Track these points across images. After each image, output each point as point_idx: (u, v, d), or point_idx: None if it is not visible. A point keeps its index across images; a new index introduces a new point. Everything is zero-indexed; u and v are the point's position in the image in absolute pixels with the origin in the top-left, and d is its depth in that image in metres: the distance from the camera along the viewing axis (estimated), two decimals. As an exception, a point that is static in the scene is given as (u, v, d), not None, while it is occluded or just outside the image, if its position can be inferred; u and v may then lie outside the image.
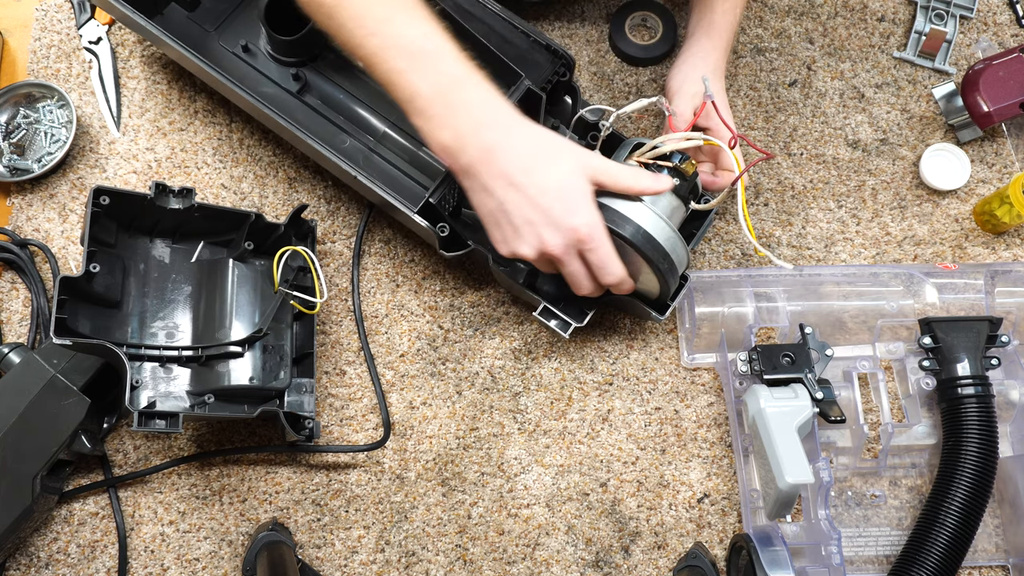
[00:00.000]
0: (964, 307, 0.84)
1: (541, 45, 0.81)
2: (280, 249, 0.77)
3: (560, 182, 0.65)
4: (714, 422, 0.84)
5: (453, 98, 0.65)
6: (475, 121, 0.65)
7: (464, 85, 0.65)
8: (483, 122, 0.65)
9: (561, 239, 0.66)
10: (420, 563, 0.80)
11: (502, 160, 0.65)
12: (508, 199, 0.65)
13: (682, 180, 0.73)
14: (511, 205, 0.66)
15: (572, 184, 0.66)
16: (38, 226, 0.88)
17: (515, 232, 0.67)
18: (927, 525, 0.74)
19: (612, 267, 0.68)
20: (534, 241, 0.66)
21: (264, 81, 0.87)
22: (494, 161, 0.65)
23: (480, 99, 0.65)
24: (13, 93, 0.90)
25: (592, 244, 0.66)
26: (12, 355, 0.76)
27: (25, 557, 0.78)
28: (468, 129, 0.65)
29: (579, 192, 0.66)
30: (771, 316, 0.83)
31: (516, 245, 0.67)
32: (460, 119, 0.65)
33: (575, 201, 0.66)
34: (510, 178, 0.65)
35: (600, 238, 0.66)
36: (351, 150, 0.86)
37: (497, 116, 0.66)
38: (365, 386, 0.84)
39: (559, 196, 0.65)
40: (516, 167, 0.65)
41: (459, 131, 0.65)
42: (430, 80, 0.64)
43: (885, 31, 0.97)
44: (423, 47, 0.65)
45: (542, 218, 0.65)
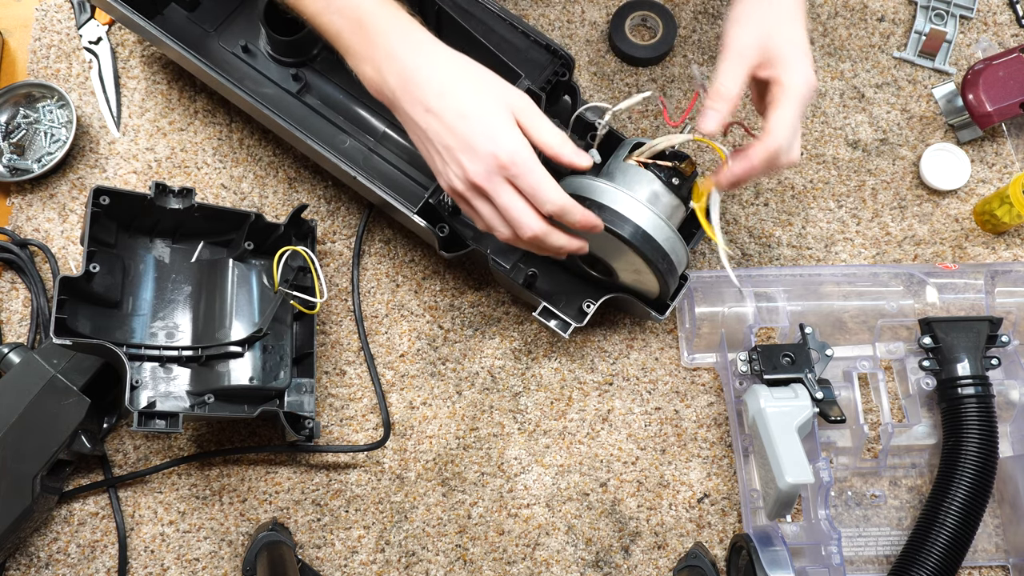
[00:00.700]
0: (964, 307, 0.84)
1: (541, 45, 0.81)
2: (280, 249, 0.77)
3: (477, 107, 0.63)
4: (714, 422, 0.84)
5: (368, 30, 0.64)
6: (391, 50, 0.64)
7: (377, 16, 0.64)
8: (398, 50, 0.64)
9: (482, 165, 0.63)
10: (420, 563, 0.80)
11: (419, 86, 0.63)
12: (428, 126, 0.64)
13: (682, 180, 0.72)
14: (432, 132, 0.64)
15: (490, 110, 0.63)
16: (38, 226, 0.88)
17: (442, 162, 0.65)
18: (927, 525, 0.74)
19: (546, 191, 0.63)
20: (457, 170, 0.64)
21: (264, 81, 0.87)
22: (411, 88, 0.64)
23: (395, 28, 0.64)
24: (13, 93, 0.90)
25: (517, 169, 0.62)
26: (12, 355, 0.76)
27: (25, 557, 0.78)
28: (384, 58, 0.64)
29: (498, 118, 0.63)
30: (771, 316, 0.83)
31: (446, 177, 0.65)
32: (377, 50, 0.64)
33: (494, 126, 0.63)
34: (426, 104, 0.63)
35: (525, 161, 0.62)
36: (351, 150, 0.86)
37: (413, 44, 0.64)
38: (365, 386, 0.84)
39: (477, 120, 0.63)
40: (432, 92, 0.63)
41: (377, 62, 0.64)
42: (347, 16, 0.64)
43: (885, 31, 0.97)
44: None
45: (459, 143, 0.63)
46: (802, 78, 0.67)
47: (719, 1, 0.97)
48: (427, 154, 0.66)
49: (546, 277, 0.81)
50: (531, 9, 0.96)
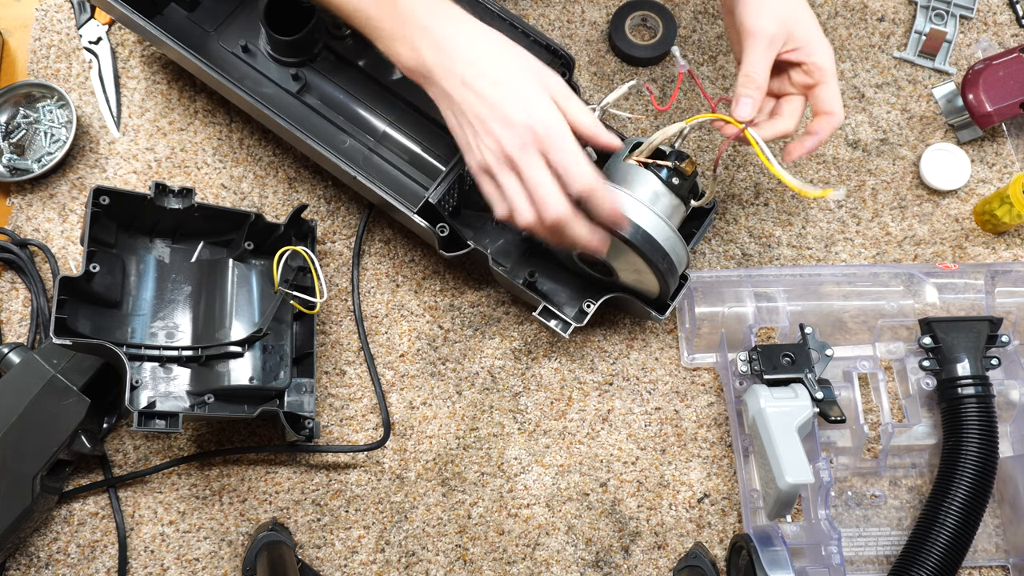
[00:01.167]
0: (964, 307, 0.84)
1: (541, 45, 0.81)
2: (280, 249, 0.77)
3: (513, 76, 0.63)
4: (714, 422, 0.84)
5: (400, 7, 0.64)
6: (424, 25, 0.63)
7: None
8: (432, 24, 0.63)
9: (517, 134, 0.61)
10: (420, 563, 0.80)
11: (454, 58, 0.63)
12: (463, 98, 0.63)
13: (682, 179, 0.72)
14: (466, 103, 0.63)
15: (525, 80, 0.63)
16: (38, 226, 0.88)
17: (474, 134, 0.64)
18: (927, 525, 0.74)
19: (580, 166, 0.62)
20: (490, 141, 0.62)
21: (264, 81, 0.87)
22: (446, 61, 0.63)
23: (427, 6, 0.64)
24: (13, 93, 0.90)
25: (552, 142, 0.62)
26: (12, 355, 0.76)
27: (25, 557, 0.78)
28: (418, 34, 0.63)
29: (533, 87, 0.63)
30: (771, 316, 0.83)
31: (478, 153, 0.64)
32: (410, 27, 0.64)
33: (529, 95, 0.62)
34: (462, 75, 0.63)
35: (562, 136, 0.62)
36: (351, 150, 0.86)
37: (446, 17, 0.64)
38: (365, 386, 0.84)
39: (510, 90, 0.62)
40: (467, 62, 0.63)
41: (411, 39, 0.64)
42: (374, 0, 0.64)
43: (885, 31, 0.97)
44: None
45: (494, 112, 0.62)
46: (829, 57, 0.70)
47: (719, 1, 0.97)
48: (459, 129, 0.65)
49: (546, 277, 0.81)
50: (531, 9, 0.96)
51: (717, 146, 0.92)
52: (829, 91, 0.71)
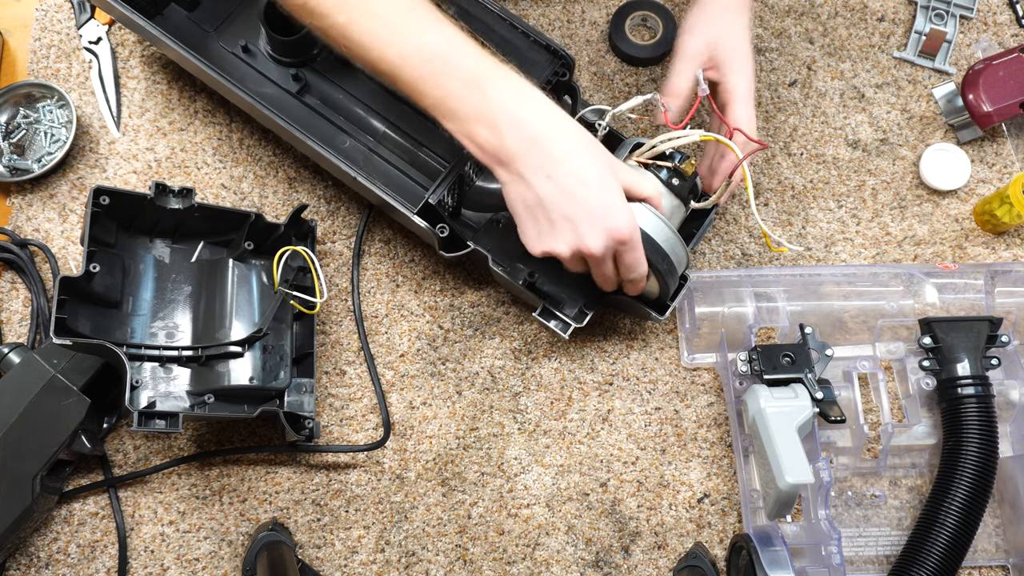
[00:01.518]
0: (964, 307, 0.84)
1: (541, 45, 0.81)
2: (280, 249, 0.77)
3: (599, 178, 0.64)
4: (714, 422, 0.84)
5: (486, 93, 0.63)
6: (512, 114, 0.63)
7: (494, 79, 0.63)
8: (520, 114, 0.63)
9: (602, 239, 0.64)
10: (420, 563, 0.80)
11: (542, 152, 0.63)
12: (547, 193, 0.64)
13: (681, 180, 0.72)
14: (550, 200, 0.64)
15: (609, 181, 0.64)
16: (38, 226, 0.88)
17: (551, 228, 0.65)
18: (927, 525, 0.74)
19: (642, 267, 0.68)
20: (571, 239, 0.65)
21: (264, 81, 0.87)
22: (533, 153, 0.63)
23: (514, 92, 0.64)
24: (13, 93, 0.90)
25: (630, 245, 0.65)
26: (12, 355, 0.76)
27: (25, 557, 0.78)
28: (505, 122, 0.63)
29: (616, 189, 0.64)
30: (771, 316, 0.83)
31: (551, 242, 0.66)
32: (497, 113, 0.63)
33: (614, 198, 0.64)
34: (549, 171, 0.63)
35: (636, 241, 0.66)
36: (351, 150, 0.86)
37: (534, 107, 0.64)
38: (365, 386, 0.84)
39: (599, 192, 0.63)
40: (556, 159, 0.63)
41: (496, 125, 0.63)
42: (458, 79, 0.63)
43: (885, 31, 0.97)
44: (444, 49, 0.63)
45: (583, 215, 0.64)
46: (744, 80, 0.75)
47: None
48: (529, 217, 0.66)
49: (546, 278, 0.81)
50: (531, 9, 0.96)
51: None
52: (737, 111, 0.75)
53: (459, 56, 0.63)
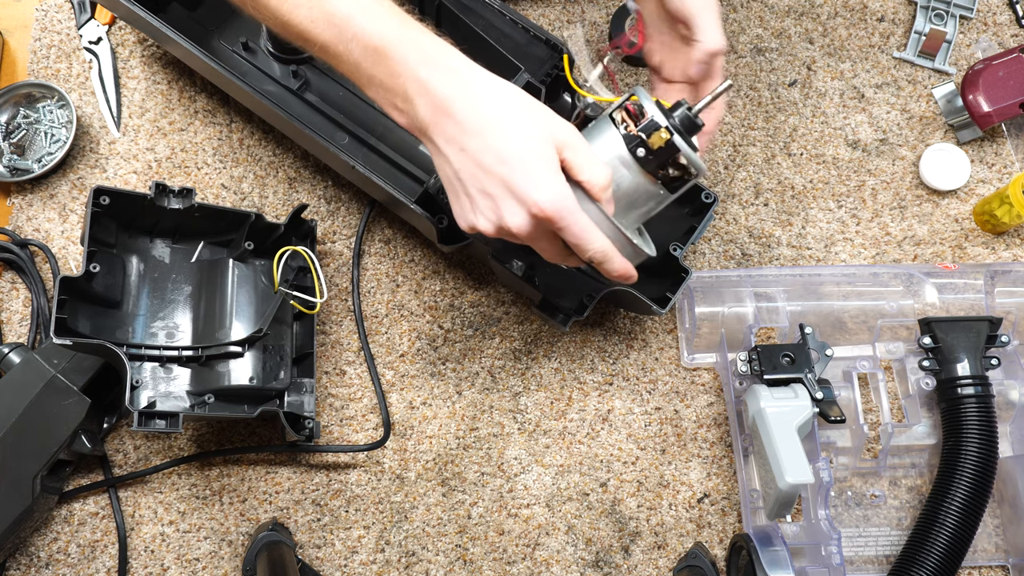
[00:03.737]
0: (964, 307, 0.84)
1: (540, 39, 0.81)
2: (280, 249, 0.77)
3: (522, 149, 0.57)
4: (714, 422, 0.84)
5: (391, 58, 0.57)
6: (419, 80, 0.57)
7: (401, 41, 0.57)
8: (429, 79, 0.57)
9: (524, 217, 0.57)
10: (420, 563, 0.80)
11: (455, 120, 0.57)
12: (462, 166, 0.58)
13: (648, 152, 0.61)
14: (465, 173, 0.58)
15: (536, 151, 0.57)
16: (38, 226, 0.88)
17: (472, 204, 0.59)
18: (927, 525, 0.74)
19: (591, 242, 0.59)
20: (492, 216, 0.59)
21: (264, 79, 0.87)
22: (446, 122, 0.57)
23: (421, 56, 0.57)
24: (13, 93, 0.90)
25: (562, 223, 0.57)
26: (12, 355, 0.76)
27: (25, 557, 0.78)
28: (413, 90, 0.57)
29: (543, 161, 0.57)
30: (771, 316, 0.83)
31: (473, 218, 0.60)
32: (403, 80, 0.57)
33: (538, 172, 0.57)
34: (463, 142, 0.57)
35: (570, 213, 0.57)
36: (351, 147, 0.86)
37: (445, 70, 0.57)
38: (365, 386, 0.84)
39: (520, 166, 0.56)
40: (468, 129, 0.57)
41: (405, 94, 0.58)
42: (365, 44, 0.57)
43: (885, 31, 0.97)
44: (347, 11, 0.57)
45: (500, 190, 0.57)
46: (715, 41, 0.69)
47: (719, 1, 0.97)
48: (453, 192, 0.61)
49: (545, 271, 0.81)
50: (531, 9, 0.96)
51: (717, 145, 0.92)
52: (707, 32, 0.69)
53: (364, 19, 0.58)
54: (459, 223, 0.62)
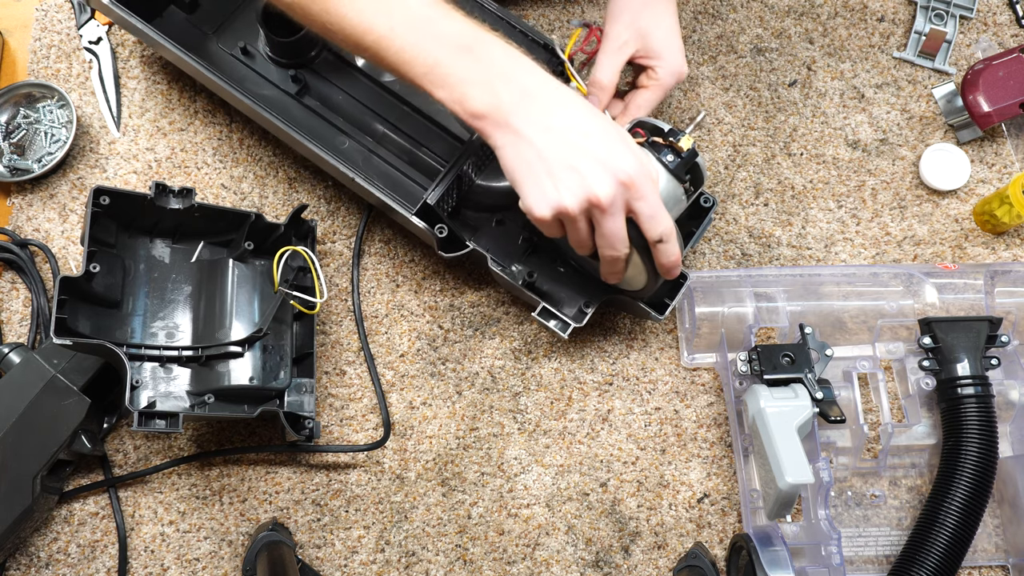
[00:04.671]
0: (964, 307, 0.84)
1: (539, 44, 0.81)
2: (280, 249, 0.77)
3: (602, 125, 0.62)
4: (714, 422, 0.84)
5: (478, 53, 0.62)
6: (505, 70, 0.62)
7: (484, 41, 0.62)
8: (513, 71, 0.62)
9: (610, 181, 0.60)
10: (420, 563, 0.80)
11: (540, 104, 0.61)
12: (546, 144, 0.61)
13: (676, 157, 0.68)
14: (550, 151, 0.61)
15: (610, 130, 0.62)
16: (38, 226, 0.88)
17: (555, 183, 0.61)
18: (927, 525, 0.74)
19: (665, 215, 0.64)
20: (578, 189, 0.61)
21: (263, 83, 0.87)
22: (531, 105, 0.61)
23: (504, 52, 0.62)
24: (13, 93, 0.90)
25: (644, 189, 0.61)
26: (12, 355, 0.76)
27: (25, 557, 0.78)
28: (500, 79, 0.61)
29: (621, 136, 0.62)
30: (771, 316, 0.83)
31: (558, 197, 0.62)
32: (490, 72, 0.61)
33: (620, 144, 0.61)
34: (547, 122, 0.61)
35: (650, 184, 0.62)
36: (350, 151, 0.86)
37: (526, 66, 0.63)
38: (365, 386, 0.84)
39: (604, 138, 0.61)
40: (552, 110, 0.61)
41: (490, 84, 0.61)
42: (448, 44, 0.61)
43: (885, 31, 0.97)
44: (432, 15, 0.62)
45: (587, 160, 0.61)
46: (672, 73, 0.77)
47: (719, 1, 0.97)
48: (533, 176, 0.62)
49: (545, 277, 0.81)
50: (530, 10, 0.96)
51: (717, 145, 0.92)
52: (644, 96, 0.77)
53: (448, 21, 0.62)
54: (537, 210, 0.63)
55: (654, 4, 0.76)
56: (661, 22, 0.76)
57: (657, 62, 0.76)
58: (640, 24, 0.76)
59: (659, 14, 0.76)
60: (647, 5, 0.76)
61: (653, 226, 0.64)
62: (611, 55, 0.76)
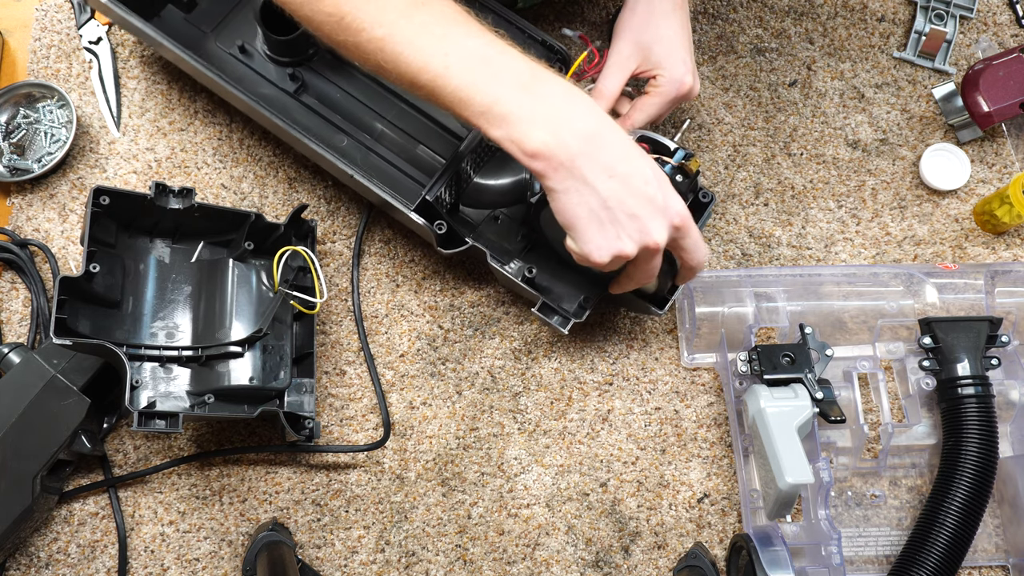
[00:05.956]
0: (964, 307, 0.84)
1: (537, 40, 0.81)
2: (280, 249, 0.77)
3: (653, 171, 0.63)
4: (714, 422, 0.84)
5: (537, 92, 0.61)
6: (567, 111, 0.61)
7: (545, 80, 0.61)
8: (576, 111, 0.61)
9: (666, 229, 0.63)
10: (420, 563, 0.80)
11: (604, 149, 0.61)
12: (611, 192, 0.61)
13: (685, 177, 0.73)
14: (614, 199, 0.61)
15: (659, 172, 0.63)
16: (38, 226, 0.88)
17: (617, 229, 0.62)
18: (927, 525, 0.74)
19: (703, 246, 0.68)
20: (638, 236, 0.62)
21: (261, 82, 0.87)
22: (597, 151, 0.61)
23: (565, 91, 0.62)
24: (13, 93, 0.90)
25: (690, 228, 0.65)
26: (12, 355, 0.76)
27: (25, 557, 0.78)
28: (563, 120, 0.61)
29: (666, 179, 0.64)
30: (771, 316, 0.83)
31: (620, 244, 0.63)
32: (552, 112, 0.61)
33: (668, 188, 0.64)
34: (612, 168, 0.61)
35: (693, 223, 0.66)
36: (349, 149, 0.86)
37: (587, 106, 0.62)
38: (365, 386, 0.84)
39: (659, 184, 0.63)
40: (617, 157, 0.61)
41: (554, 124, 0.60)
42: (508, 82, 0.60)
43: (885, 31, 0.97)
44: (490, 53, 0.61)
45: (648, 209, 0.62)
46: (673, 83, 0.78)
47: (719, 1, 0.97)
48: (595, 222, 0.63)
49: (545, 273, 0.81)
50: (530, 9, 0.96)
51: (717, 145, 0.92)
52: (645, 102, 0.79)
53: (505, 59, 0.61)
54: (597, 255, 0.63)
55: (658, 20, 0.78)
56: (663, 36, 0.78)
57: (658, 71, 0.78)
58: (643, 39, 0.78)
59: (662, 29, 0.78)
60: (650, 22, 0.78)
61: (695, 257, 0.68)
62: (614, 68, 0.78)
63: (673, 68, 0.78)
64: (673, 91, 0.78)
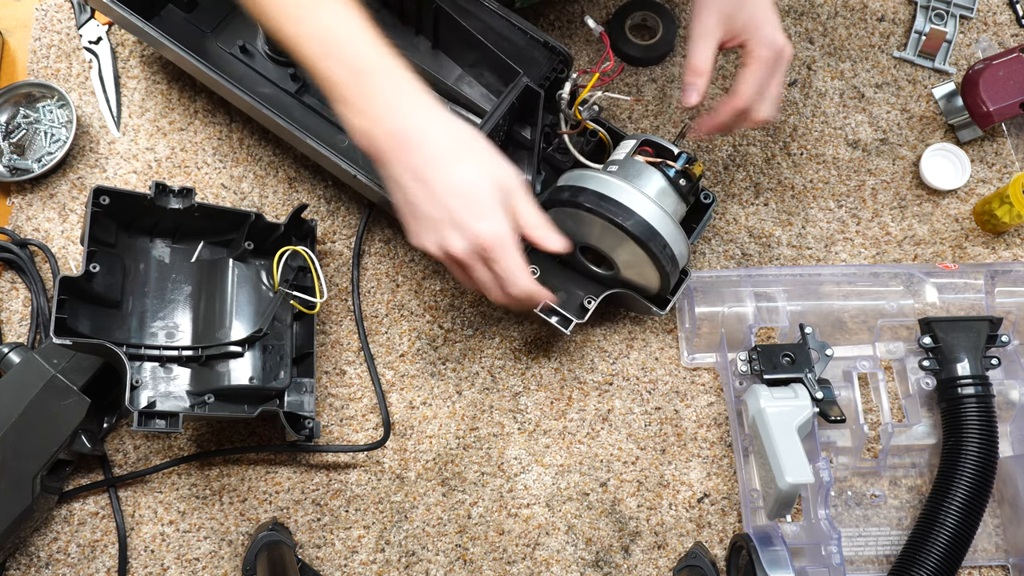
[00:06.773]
0: (964, 307, 0.84)
1: (539, 42, 0.81)
2: (280, 249, 0.77)
3: (468, 183, 0.63)
4: (714, 422, 0.84)
5: (367, 84, 0.63)
6: (388, 108, 0.63)
7: (378, 72, 0.63)
8: (396, 109, 0.63)
9: (464, 243, 0.63)
10: (420, 563, 0.80)
11: (411, 151, 0.63)
12: (414, 193, 0.63)
13: (688, 181, 0.74)
14: (417, 199, 0.63)
15: (480, 187, 0.63)
16: (38, 226, 0.88)
17: (420, 227, 0.65)
18: (927, 525, 0.74)
19: (518, 280, 0.65)
20: (437, 239, 0.64)
21: (262, 81, 0.87)
22: (403, 152, 0.63)
23: (394, 86, 0.63)
24: (13, 93, 0.90)
25: (495, 254, 0.63)
26: (12, 355, 0.76)
27: (25, 557, 0.78)
28: (380, 116, 0.63)
29: (487, 197, 0.63)
30: (771, 316, 0.83)
31: (423, 240, 0.65)
32: (373, 105, 0.63)
33: (482, 205, 0.63)
34: (417, 171, 0.63)
35: (504, 248, 0.64)
36: (349, 149, 0.86)
37: (412, 105, 0.64)
38: (365, 386, 0.84)
39: (465, 198, 0.63)
40: (425, 160, 0.63)
41: (372, 118, 0.63)
42: (344, 66, 0.63)
43: (885, 31, 0.97)
44: (338, 34, 0.63)
45: (446, 218, 0.63)
46: (766, 46, 0.73)
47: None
48: (403, 215, 0.66)
49: (546, 274, 0.81)
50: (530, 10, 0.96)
51: (717, 145, 0.92)
52: (745, 75, 0.73)
53: (353, 43, 0.63)
54: (415, 242, 0.66)
55: None
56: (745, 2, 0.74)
57: (746, 37, 0.74)
58: (725, 5, 0.73)
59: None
60: None
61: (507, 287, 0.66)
62: (699, 41, 0.74)
63: (762, 29, 0.73)
64: (770, 55, 0.73)
